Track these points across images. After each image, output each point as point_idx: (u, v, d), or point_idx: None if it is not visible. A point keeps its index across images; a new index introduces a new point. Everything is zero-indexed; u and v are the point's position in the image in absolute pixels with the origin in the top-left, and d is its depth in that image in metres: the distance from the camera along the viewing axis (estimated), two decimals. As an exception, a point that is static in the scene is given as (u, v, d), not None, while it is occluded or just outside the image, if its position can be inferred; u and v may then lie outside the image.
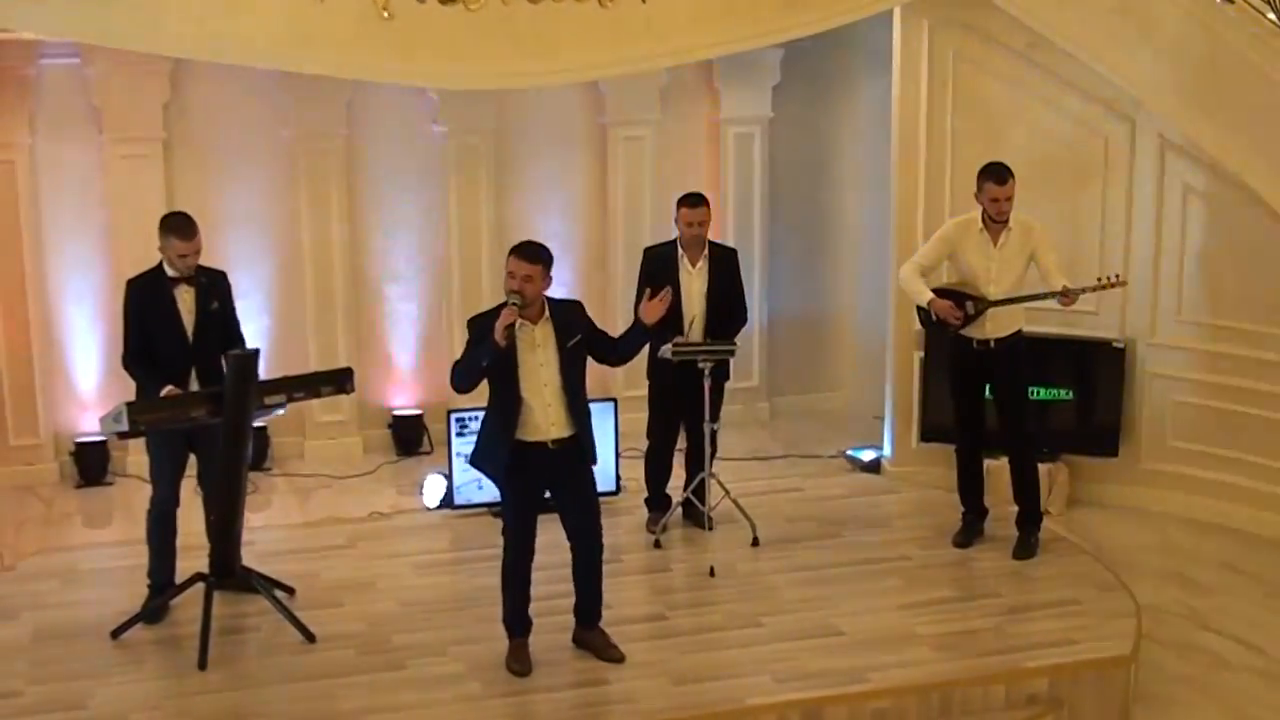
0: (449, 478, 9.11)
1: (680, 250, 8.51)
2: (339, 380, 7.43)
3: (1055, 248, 8.33)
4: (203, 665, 7.02)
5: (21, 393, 10.20)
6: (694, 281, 8.46)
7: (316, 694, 6.78)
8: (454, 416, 9.02)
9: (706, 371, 8.12)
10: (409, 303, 10.92)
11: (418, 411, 10.95)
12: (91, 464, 10.29)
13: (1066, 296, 7.92)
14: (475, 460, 6.96)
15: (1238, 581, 8.61)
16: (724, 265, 8.60)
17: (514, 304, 6.51)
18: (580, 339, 6.79)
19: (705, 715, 6.61)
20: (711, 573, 8.04)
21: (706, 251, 8.54)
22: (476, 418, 7.84)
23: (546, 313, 6.70)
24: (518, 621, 7.03)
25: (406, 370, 11.00)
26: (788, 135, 11.41)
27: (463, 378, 6.73)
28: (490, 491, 8.09)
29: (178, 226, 7.33)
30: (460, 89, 9.48)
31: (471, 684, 6.86)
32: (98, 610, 7.66)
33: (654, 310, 6.90)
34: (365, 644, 7.28)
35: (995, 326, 8.18)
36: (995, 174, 8.04)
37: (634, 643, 7.18)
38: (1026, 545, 8.32)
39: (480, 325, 6.67)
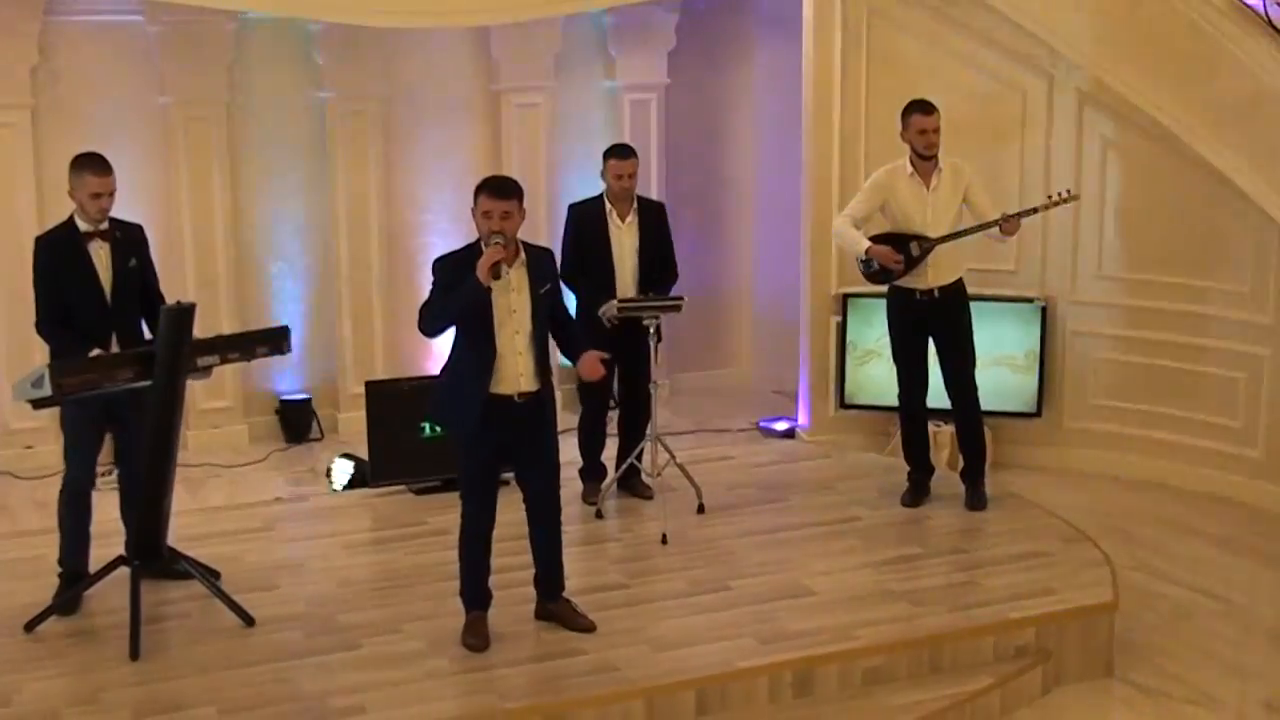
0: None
1: (608, 204, 8.11)
2: (274, 339, 6.85)
3: (987, 187, 8.12)
4: (135, 654, 6.37)
5: (-124, 383, 9.36)
6: (625, 236, 8.08)
7: (268, 677, 6.21)
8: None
9: (652, 329, 7.74)
10: (294, 281, 10.34)
11: (306, 396, 10.36)
12: (-42, 460, 9.49)
13: (1008, 223, 7.74)
14: (438, 413, 6.48)
15: (1179, 534, 8.53)
16: (653, 218, 8.24)
17: (497, 243, 6.03)
18: (552, 287, 6.34)
19: (697, 680, 6.21)
20: (664, 540, 7.66)
21: (635, 205, 8.16)
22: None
23: (521, 255, 6.24)
24: (477, 593, 6.54)
25: (294, 353, 10.30)
26: (683, 102, 11.09)
27: (435, 322, 6.24)
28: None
29: (90, 161, 6.69)
30: (419, 26, 8.93)
31: (437, 660, 6.35)
32: (9, 604, 6.95)
33: (595, 369, 6.47)
34: (311, 625, 6.72)
35: (937, 274, 7.96)
36: (921, 105, 7.86)
37: (601, 612, 6.74)
38: (980, 495, 8.14)
39: (453, 267, 6.19)
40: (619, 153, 8.10)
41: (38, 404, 6.39)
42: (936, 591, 7.08)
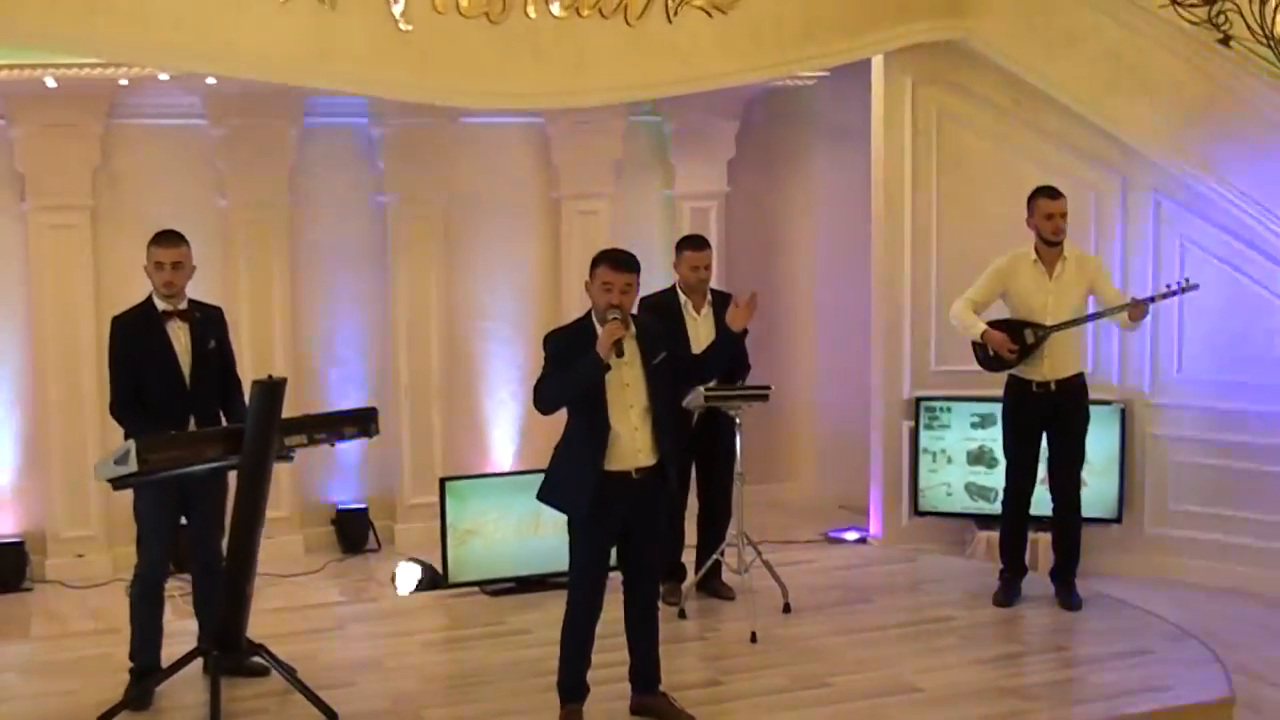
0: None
1: (683, 296, 7.94)
2: (362, 420, 6.61)
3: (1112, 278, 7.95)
4: (214, 751, 6.07)
5: (-72, 491, 9.15)
6: (700, 328, 7.87)
7: (358, 772, 5.90)
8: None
9: (738, 419, 7.53)
10: (353, 387, 10.11)
11: (362, 506, 10.10)
12: (8, 568, 9.23)
13: (1135, 308, 7.54)
14: (551, 495, 6.16)
15: (1271, 638, 8.17)
16: (726, 309, 8.04)
17: (615, 318, 5.84)
18: (666, 355, 6.13)
19: (812, 771, 5.90)
20: (754, 638, 7.36)
21: (709, 297, 8.00)
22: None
23: (631, 328, 6.04)
24: (577, 686, 6.24)
25: (351, 463, 10.17)
26: (742, 211, 10.99)
27: (553, 400, 6.02)
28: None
29: (159, 235, 6.57)
30: (482, 107, 8.80)
31: (535, 755, 6.04)
32: (69, 701, 6.66)
33: (743, 315, 6.30)
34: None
35: (1054, 366, 7.73)
36: (1048, 190, 7.71)
37: (697, 708, 6.43)
38: (1075, 594, 7.87)
39: (566, 341, 5.98)
40: (695, 244, 7.95)
41: (119, 484, 6.14)
42: (1046, 688, 6.79)
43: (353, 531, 10.01)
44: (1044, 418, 7.78)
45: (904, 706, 6.52)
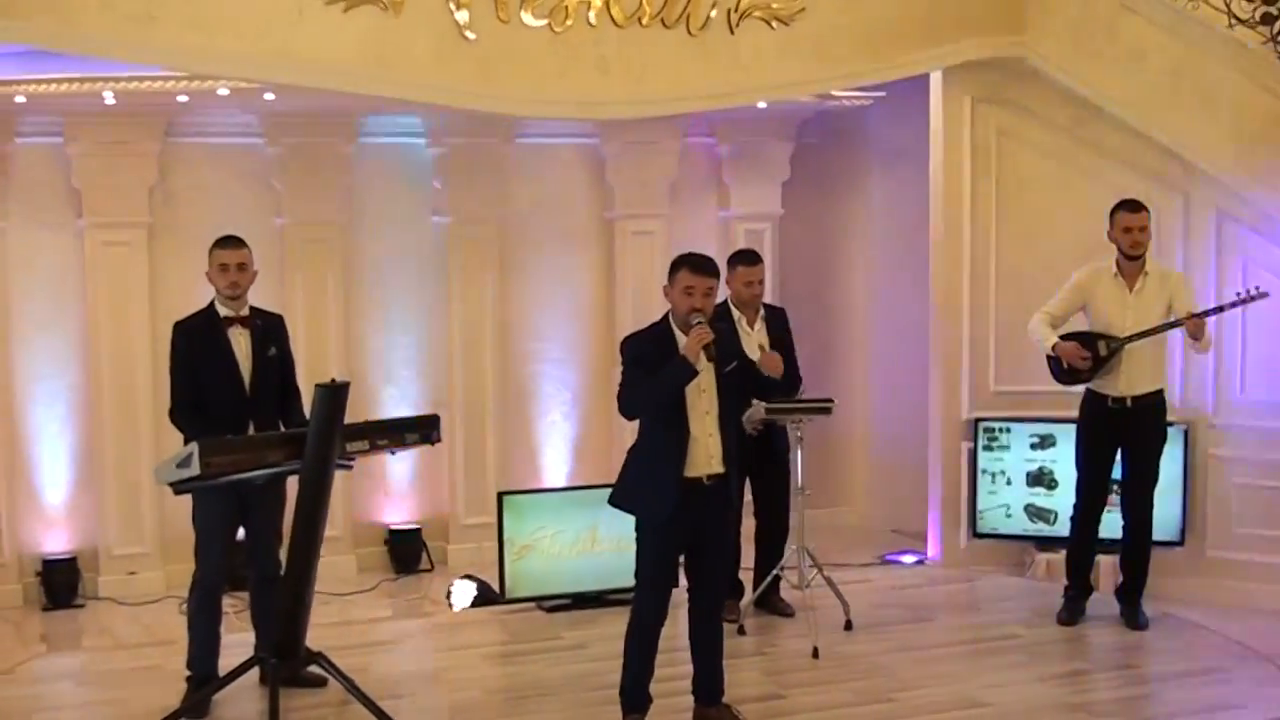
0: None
1: (735, 311, 7.87)
2: (425, 427, 6.58)
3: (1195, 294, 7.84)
4: (274, 757, 6.00)
5: (-17, 506, 9.11)
6: (753, 343, 7.79)
7: (418, 779, 5.83)
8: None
9: (799, 434, 7.45)
10: (407, 406, 10.05)
11: (415, 526, 10.03)
12: (60, 585, 9.17)
13: (1193, 322, 7.44)
14: (626, 500, 6.09)
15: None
16: (779, 324, 8.01)
17: (699, 322, 5.80)
18: (737, 365, 6.07)
19: (881, 783, 5.79)
20: (815, 654, 7.29)
21: (761, 312, 7.93)
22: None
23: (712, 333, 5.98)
24: (640, 695, 6.16)
25: (403, 483, 10.11)
26: (796, 233, 10.92)
27: (643, 405, 6.01)
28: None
29: (221, 239, 6.59)
30: (543, 117, 8.76)
31: (597, 764, 5.96)
32: (123, 710, 6.67)
33: (773, 363, 6.24)
34: (457, 731, 6.35)
35: (1130, 382, 7.64)
36: (1128, 204, 7.65)
37: (760, 720, 6.35)
38: (1141, 614, 7.77)
39: (645, 347, 5.95)
40: (747, 259, 7.90)
41: (180, 488, 6.11)
42: (1116, 704, 6.70)
43: (405, 552, 9.93)
44: (1119, 434, 7.68)
45: (971, 722, 6.41)
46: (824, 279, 11.16)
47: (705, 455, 5.94)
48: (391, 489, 10.08)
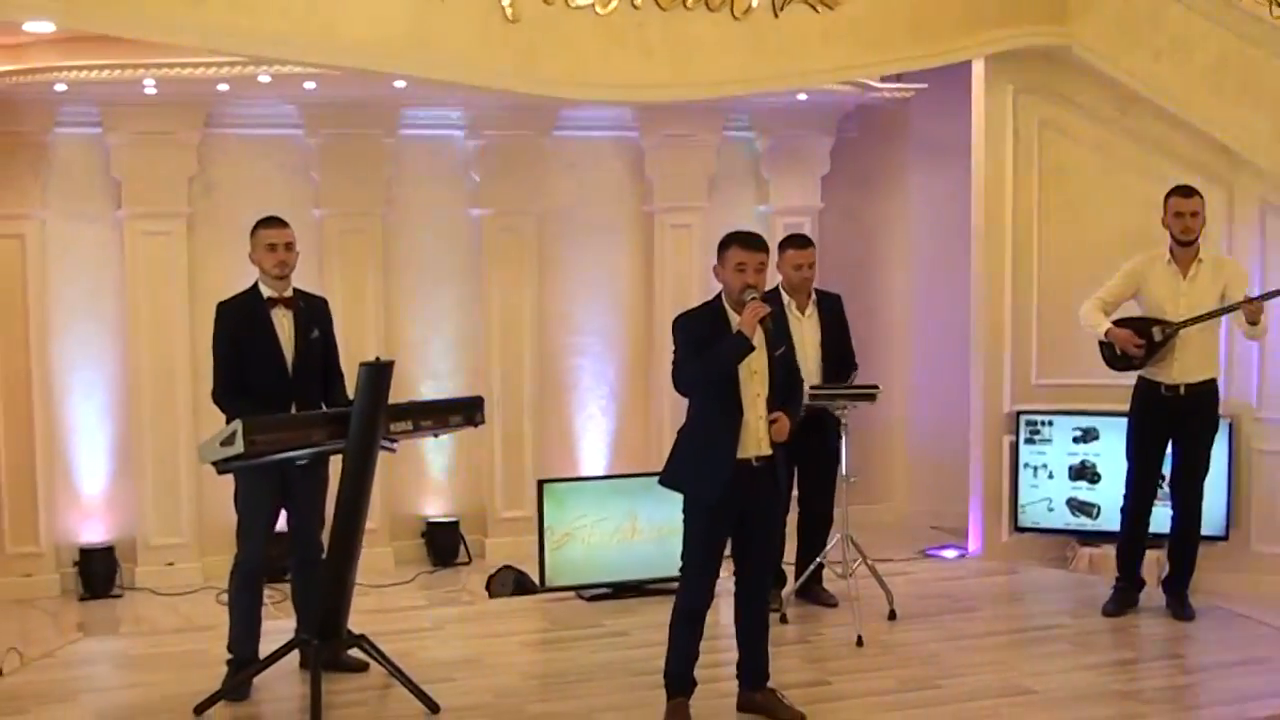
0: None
1: (785, 296, 7.77)
2: (468, 409, 6.53)
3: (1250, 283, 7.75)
4: (316, 737, 5.95)
5: (21, 495, 9.17)
6: (805, 328, 7.70)
7: (465, 760, 5.77)
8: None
9: (844, 420, 7.38)
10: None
11: (453, 519, 10.00)
12: (98, 575, 9.18)
13: (1250, 307, 7.33)
14: (676, 479, 6.01)
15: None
16: (832, 309, 7.91)
17: (754, 298, 5.74)
18: (786, 350, 5.99)
19: (929, 766, 5.72)
20: (860, 642, 7.18)
21: (813, 297, 7.84)
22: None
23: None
24: (685, 678, 6.09)
25: (441, 476, 10.11)
26: (836, 227, 10.87)
27: (699, 380, 5.86)
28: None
29: (264, 220, 6.55)
30: (585, 99, 8.72)
31: (642, 746, 5.89)
32: (166, 691, 6.57)
33: (782, 429, 5.96)
34: (500, 715, 6.29)
35: (1184, 369, 7.51)
36: (1181, 189, 7.53)
37: (805, 706, 6.25)
38: (1188, 605, 7.64)
39: (698, 324, 5.88)
40: (798, 243, 7.79)
41: (223, 467, 6.07)
42: (1164, 692, 6.58)
43: (443, 544, 9.92)
44: (1171, 423, 7.56)
45: (1019, 708, 6.32)
46: (863, 274, 11.09)
47: (755, 437, 5.87)
48: (429, 482, 10.05)
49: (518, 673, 6.88)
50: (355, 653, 6.68)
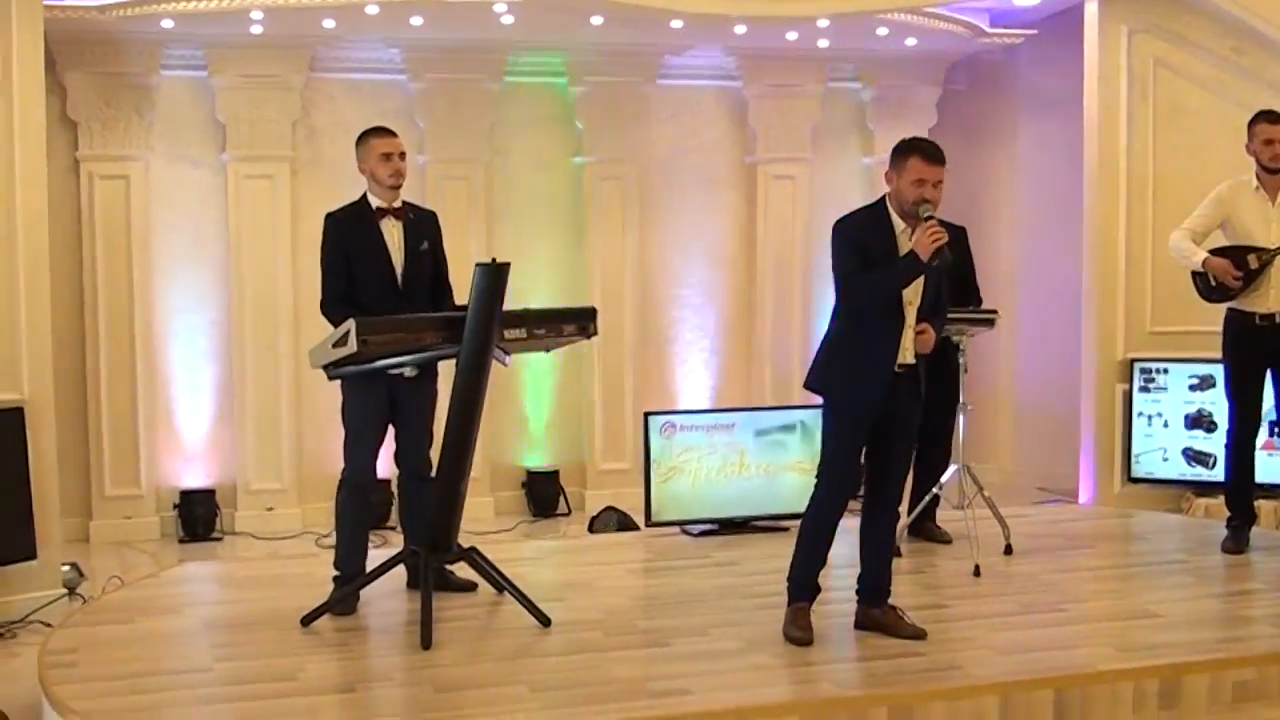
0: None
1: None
2: (582, 318, 6.40)
3: None
4: (426, 643, 5.84)
5: (122, 438, 9.16)
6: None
7: (574, 666, 5.65)
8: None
9: (963, 347, 7.21)
10: (542, 355, 9.91)
11: (553, 469, 9.90)
12: (198, 518, 9.16)
13: None
14: (826, 383, 5.87)
15: None
16: (956, 240, 7.63)
17: (929, 215, 5.59)
18: (941, 264, 5.82)
19: (1057, 678, 5.51)
20: (977, 572, 7.00)
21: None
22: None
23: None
24: (809, 582, 5.95)
25: (541, 428, 10.02)
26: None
27: (870, 297, 5.74)
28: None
29: (376, 129, 6.49)
30: (703, 12, 8.59)
31: (758, 656, 5.74)
32: (270, 605, 6.51)
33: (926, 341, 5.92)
34: (611, 628, 6.16)
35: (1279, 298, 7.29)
36: (1268, 114, 7.31)
37: (927, 626, 6.07)
38: None
39: (865, 231, 5.74)
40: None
41: (334, 371, 5.99)
42: (1294, 617, 6.34)
43: (543, 494, 9.82)
44: (1269, 352, 7.32)
45: (1145, 629, 6.11)
46: (970, 227, 10.83)
47: (904, 345, 5.78)
48: (528, 433, 9.97)
49: (626, 595, 6.78)
50: (462, 574, 6.58)
